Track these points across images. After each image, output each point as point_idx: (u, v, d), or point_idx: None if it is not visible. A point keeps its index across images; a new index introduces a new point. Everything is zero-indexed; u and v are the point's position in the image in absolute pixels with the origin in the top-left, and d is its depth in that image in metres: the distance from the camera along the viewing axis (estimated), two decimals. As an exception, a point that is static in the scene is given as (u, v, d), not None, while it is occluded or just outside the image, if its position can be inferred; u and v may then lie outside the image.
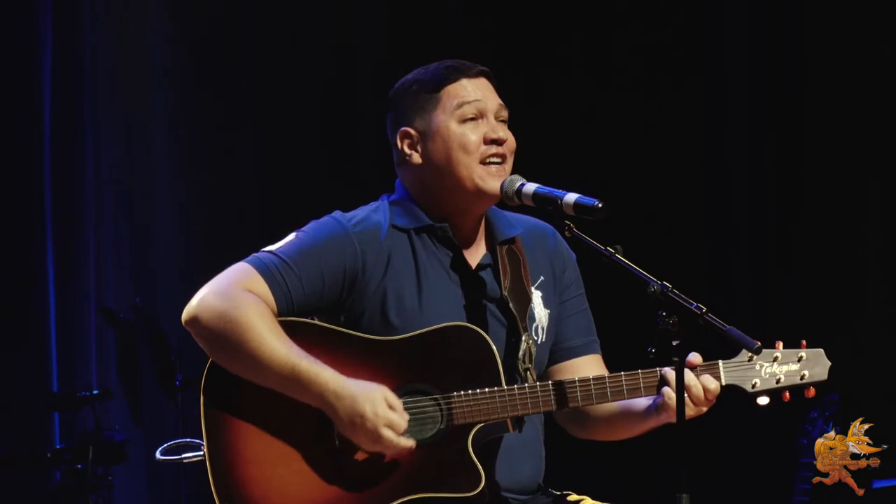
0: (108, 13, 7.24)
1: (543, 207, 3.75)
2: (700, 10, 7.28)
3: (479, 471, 3.66)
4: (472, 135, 3.82)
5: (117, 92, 7.28)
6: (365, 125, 7.33)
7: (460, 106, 3.82)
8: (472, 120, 3.83)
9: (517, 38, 7.36)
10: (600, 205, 3.65)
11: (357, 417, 3.61)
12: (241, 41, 7.38)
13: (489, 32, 7.35)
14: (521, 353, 3.80)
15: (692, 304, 3.53)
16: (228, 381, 3.68)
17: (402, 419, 3.63)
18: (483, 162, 3.81)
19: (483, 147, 3.81)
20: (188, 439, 3.81)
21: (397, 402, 3.64)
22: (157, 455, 3.84)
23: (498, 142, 3.82)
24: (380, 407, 3.62)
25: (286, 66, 7.39)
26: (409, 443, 3.63)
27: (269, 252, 3.75)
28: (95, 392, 6.84)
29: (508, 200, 3.81)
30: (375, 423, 3.60)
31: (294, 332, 3.68)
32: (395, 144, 3.90)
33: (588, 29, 7.35)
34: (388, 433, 3.61)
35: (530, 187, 3.78)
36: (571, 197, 3.71)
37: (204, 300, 3.69)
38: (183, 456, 3.81)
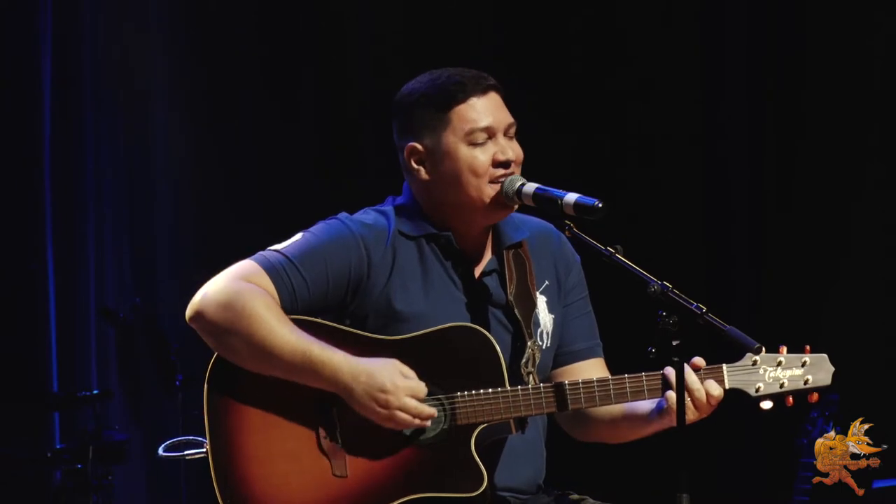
0: (107, 13, 7.24)
1: (543, 207, 3.75)
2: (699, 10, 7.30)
3: (481, 471, 3.67)
4: (482, 156, 3.80)
5: (117, 92, 7.28)
6: (365, 125, 7.33)
7: (471, 133, 3.80)
8: (481, 143, 3.82)
9: (514, 36, 7.36)
10: (600, 204, 3.66)
11: (377, 392, 3.62)
12: (241, 41, 7.38)
13: (487, 33, 7.35)
14: (524, 358, 3.80)
15: (692, 304, 3.53)
16: (232, 378, 3.69)
17: (420, 385, 3.64)
18: (492, 181, 3.81)
19: (492, 170, 3.81)
20: (190, 437, 3.81)
21: (410, 371, 3.66)
22: (160, 452, 3.84)
23: (506, 164, 3.82)
24: (398, 377, 3.63)
25: (285, 66, 7.39)
26: (431, 410, 3.64)
27: (275, 251, 3.76)
28: (95, 392, 6.85)
29: (508, 201, 3.81)
30: (397, 393, 3.62)
31: (300, 329, 3.68)
32: (402, 154, 3.89)
33: (586, 24, 7.36)
34: (411, 402, 3.62)
35: (530, 187, 3.78)
36: (571, 197, 3.71)
37: (208, 295, 3.69)
38: (185, 453, 3.81)
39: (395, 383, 3.63)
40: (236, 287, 3.68)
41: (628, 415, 3.87)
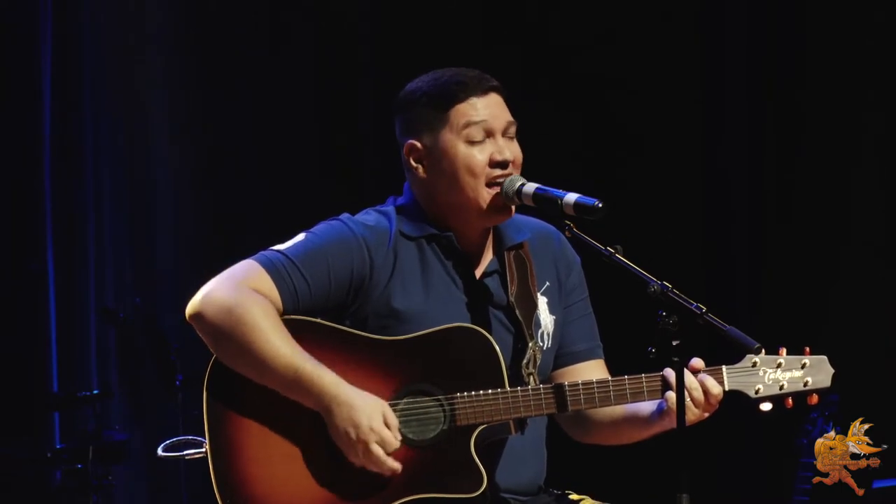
0: (107, 13, 7.25)
1: (543, 208, 3.75)
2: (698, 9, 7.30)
3: (480, 472, 3.66)
4: (479, 156, 3.79)
5: (117, 92, 7.29)
6: (366, 126, 7.33)
7: (467, 126, 3.79)
8: (479, 142, 3.81)
9: (515, 37, 7.36)
10: (600, 204, 3.65)
11: (351, 427, 3.61)
12: (241, 41, 7.38)
13: (487, 32, 7.35)
14: (525, 359, 3.80)
15: (692, 304, 3.53)
16: (232, 379, 3.69)
17: (394, 439, 3.63)
18: (489, 184, 3.80)
19: (489, 170, 3.80)
20: (190, 437, 3.81)
21: (394, 421, 3.65)
22: (160, 452, 3.84)
23: (504, 164, 3.81)
24: (375, 422, 3.62)
25: (285, 66, 7.39)
26: (395, 465, 3.63)
27: (277, 251, 3.75)
28: (95, 392, 6.85)
29: (508, 201, 3.80)
30: (368, 437, 3.61)
31: (299, 330, 3.68)
32: (402, 151, 3.89)
33: (586, 24, 7.36)
34: (377, 450, 3.61)
35: (530, 187, 3.78)
36: (571, 197, 3.71)
37: (209, 295, 3.68)
38: (185, 453, 3.81)
39: (371, 426, 3.61)
40: (238, 292, 3.67)
41: (629, 416, 3.86)
